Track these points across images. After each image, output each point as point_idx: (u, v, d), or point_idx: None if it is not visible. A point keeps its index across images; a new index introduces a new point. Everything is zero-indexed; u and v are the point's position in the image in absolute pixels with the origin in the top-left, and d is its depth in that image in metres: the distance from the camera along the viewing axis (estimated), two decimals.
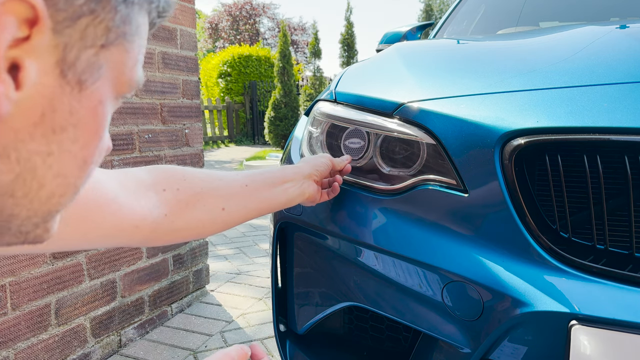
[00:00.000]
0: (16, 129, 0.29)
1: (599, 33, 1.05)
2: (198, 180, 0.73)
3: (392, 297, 0.85)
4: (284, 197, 0.82)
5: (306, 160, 0.90)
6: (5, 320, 1.31)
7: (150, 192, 0.68)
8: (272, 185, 0.81)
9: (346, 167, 0.92)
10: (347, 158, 0.93)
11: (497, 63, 0.99)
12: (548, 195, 0.73)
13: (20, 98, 0.28)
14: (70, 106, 0.31)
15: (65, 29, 0.29)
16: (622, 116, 0.68)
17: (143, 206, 0.65)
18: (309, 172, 0.86)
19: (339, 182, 0.91)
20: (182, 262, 2.03)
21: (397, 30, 2.28)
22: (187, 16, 1.98)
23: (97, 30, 0.31)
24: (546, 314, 0.67)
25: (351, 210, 0.92)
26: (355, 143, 0.95)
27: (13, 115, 0.28)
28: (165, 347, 1.73)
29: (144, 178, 0.69)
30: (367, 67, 1.19)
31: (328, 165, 0.89)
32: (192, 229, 0.72)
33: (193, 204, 0.72)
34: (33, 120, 0.29)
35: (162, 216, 0.68)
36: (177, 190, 0.70)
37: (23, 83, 0.28)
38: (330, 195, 0.91)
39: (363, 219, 0.90)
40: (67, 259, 1.50)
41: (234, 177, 0.78)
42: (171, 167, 0.73)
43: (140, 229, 0.65)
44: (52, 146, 0.31)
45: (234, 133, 11.40)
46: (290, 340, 1.08)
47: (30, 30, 0.27)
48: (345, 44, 9.90)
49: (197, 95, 2.07)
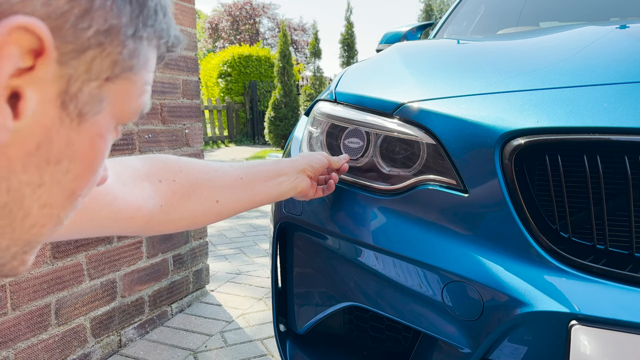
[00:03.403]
0: (10, 158, 0.28)
1: (599, 33, 1.05)
2: (195, 171, 0.73)
3: (392, 297, 0.85)
4: (278, 190, 0.82)
5: (302, 155, 0.90)
6: (5, 320, 1.31)
7: (145, 183, 0.67)
8: (266, 178, 0.81)
9: (343, 166, 0.92)
10: (345, 157, 0.93)
11: (497, 63, 0.99)
12: (548, 195, 0.73)
13: (18, 127, 0.27)
14: (68, 138, 0.30)
15: (71, 60, 0.28)
16: (622, 116, 0.68)
17: (138, 197, 0.65)
18: (302, 167, 0.86)
19: (334, 180, 0.91)
20: (182, 262, 2.03)
21: (397, 30, 2.28)
22: (187, 16, 1.98)
23: (104, 63, 0.30)
24: (546, 314, 0.67)
25: (351, 210, 0.92)
26: (354, 143, 0.95)
27: (8, 145, 0.27)
28: (165, 347, 1.73)
29: (139, 168, 0.68)
30: (367, 67, 1.19)
31: (323, 162, 0.89)
32: (186, 219, 0.73)
33: (188, 195, 0.72)
34: (28, 150, 0.29)
35: (157, 207, 0.68)
36: (173, 181, 0.70)
37: (22, 113, 0.27)
38: (325, 192, 0.91)
39: (363, 219, 0.90)
40: (67, 259, 1.50)
41: (229, 169, 0.78)
42: (167, 157, 0.73)
43: (134, 220, 0.64)
44: (45, 177, 0.30)
45: (234, 133, 11.40)
46: (290, 340, 1.08)
47: (34, 61, 0.27)
48: (345, 44, 9.90)
49: (197, 95, 2.07)
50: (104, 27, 0.29)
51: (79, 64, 0.29)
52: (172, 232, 0.75)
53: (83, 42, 0.28)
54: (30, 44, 0.26)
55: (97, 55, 0.29)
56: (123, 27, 0.30)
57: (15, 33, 0.25)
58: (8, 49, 0.25)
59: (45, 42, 0.26)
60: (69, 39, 0.28)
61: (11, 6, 0.25)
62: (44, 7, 0.26)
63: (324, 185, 0.92)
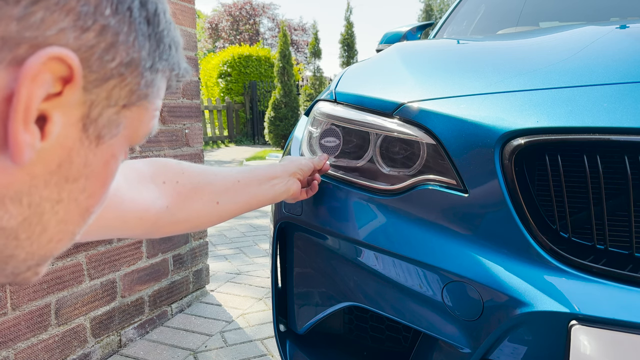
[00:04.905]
0: (33, 175, 0.30)
1: (599, 33, 1.05)
2: (195, 174, 0.76)
3: (392, 297, 0.85)
4: (272, 193, 0.87)
5: (291, 159, 0.94)
6: (5, 320, 1.31)
7: (151, 184, 0.69)
8: (261, 181, 0.85)
9: (325, 165, 0.96)
10: (324, 157, 0.97)
11: (497, 63, 0.99)
12: (548, 195, 0.73)
13: (43, 147, 0.30)
14: (86, 158, 0.33)
15: (94, 88, 0.31)
16: (622, 116, 0.68)
17: (146, 198, 0.67)
18: (293, 170, 0.90)
19: (318, 181, 0.96)
20: (182, 262, 2.03)
21: (397, 30, 2.28)
22: (187, 16, 1.98)
23: (122, 92, 0.33)
24: (546, 314, 0.67)
25: (351, 210, 0.92)
26: (331, 142, 0.99)
27: (33, 163, 0.30)
28: (165, 347, 1.73)
29: (144, 170, 0.70)
30: (367, 67, 1.19)
31: (310, 166, 0.93)
32: (191, 221, 0.75)
33: (191, 196, 0.74)
34: (50, 169, 0.31)
35: (164, 208, 0.70)
36: (176, 183, 0.73)
37: (48, 134, 0.29)
38: (309, 193, 0.96)
39: (363, 219, 0.90)
40: (67, 259, 1.50)
41: (227, 173, 0.82)
42: (169, 161, 0.76)
43: (143, 221, 0.66)
44: (63, 194, 0.33)
45: (234, 133, 11.40)
46: (290, 340, 1.08)
47: (63, 87, 0.29)
48: (345, 44, 9.90)
49: (197, 95, 2.07)
50: (126, 60, 0.32)
51: (100, 91, 0.32)
52: (176, 233, 0.77)
53: (106, 72, 0.31)
54: (62, 72, 0.29)
55: (117, 84, 0.32)
56: (142, 61, 0.33)
57: (50, 62, 0.28)
58: (42, 77, 0.28)
59: (75, 71, 0.29)
60: (94, 69, 0.31)
61: (46, 39, 0.28)
62: (76, 41, 0.29)
63: (307, 187, 0.96)
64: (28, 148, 0.28)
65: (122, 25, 0.31)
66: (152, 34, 0.34)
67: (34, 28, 0.27)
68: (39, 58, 0.27)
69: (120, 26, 0.31)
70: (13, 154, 0.28)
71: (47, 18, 0.28)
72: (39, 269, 0.36)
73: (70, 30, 0.29)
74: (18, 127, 0.27)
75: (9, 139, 0.27)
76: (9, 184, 0.29)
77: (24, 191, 0.30)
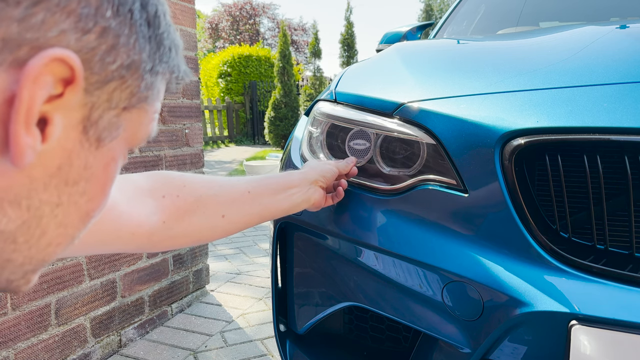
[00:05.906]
0: (33, 178, 0.30)
1: (599, 33, 1.05)
2: (198, 187, 0.73)
3: (392, 297, 0.85)
4: (288, 203, 0.82)
5: (312, 166, 0.89)
6: (5, 320, 1.31)
7: (148, 199, 0.67)
8: (275, 191, 0.80)
9: (352, 170, 0.91)
10: (351, 160, 0.92)
11: (497, 63, 0.99)
12: (548, 196, 0.73)
13: (43, 150, 0.29)
14: (86, 161, 0.33)
15: (95, 90, 0.31)
16: (622, 116, 0.68)
17: (140, 213, 0.65)
18: (315, 178, 0.85)
19: (343, 187, 0.90)
20: (182, 262, 2.03)
21: (397, 30, 2.28)
22: (187, 16, 1.98)
23: (123, 94, 0.33)
24: (546, 314, 0.67)
25: (351, 210, 0.92)
26: (360, 144, 0.94)
27: (32, 166, 0.30)
28: (165, 347, 1.73)
29: (142, 184, 0.68)
30: (367, 67, 1.19)
31: (334, 172, 0.89)
32: (190, 235, 0.72)
33: (192, 210, 0.71)
34: (50, 172, 0.31)
35: (159, 223, 0.67)
36: (176, 197, 0.70)
37: (49, 136, 0.29)
38: (335, 199, 0.91)
39: (363, 219, 0.90)
40: (67, 259, 1.50)
41: (236, 183, 0.77)
42: (171, 173, 0.73)
43: (136, 237, 0.64)
44: (63, 197, 0.33)
45: (234, 133, 11.40)
46: (290, 340, 1.08)
47: (64, 89, 0.29)
48: (345, 44, 9.90)
49: (197, 95, 2.07)
50: (127, 62, 0.32)
51: (101, 93, 0.31)
52: (177, 248, 0.73)
53: (107, 74, 0.31)
54: (63, 73, 0.28)
55: (118, 87, 0.32)
56: (143, 63, 0.33)
57: (52, 64, 0.28)
58: (44, 78, 0.27)
59: (77, 72, 0.29)
60: (95, 71, 0.31)
61: (47, 40, 0.28)
62: (77, 42, 0.29)
63: (332, 192, 0.92)
64: (29, 150, 0.28)
65: (123, 27, 0.31)
66: (152, 36, 0.34)
67: (34, 29, 0.27)
68: (41, 59, 0.27)
69: (121, 28, 0.31)
70: (14, 157, 0.28)
71: (48, 19, 0.27)
72: (32, 276, 0.36)
73: (72, 32, 0.29)
74: (19, 129, 0.27)
75: (10, 142, 0.27)
76: (8, 187, 0.29)
77: (23, 194, 0.30)
